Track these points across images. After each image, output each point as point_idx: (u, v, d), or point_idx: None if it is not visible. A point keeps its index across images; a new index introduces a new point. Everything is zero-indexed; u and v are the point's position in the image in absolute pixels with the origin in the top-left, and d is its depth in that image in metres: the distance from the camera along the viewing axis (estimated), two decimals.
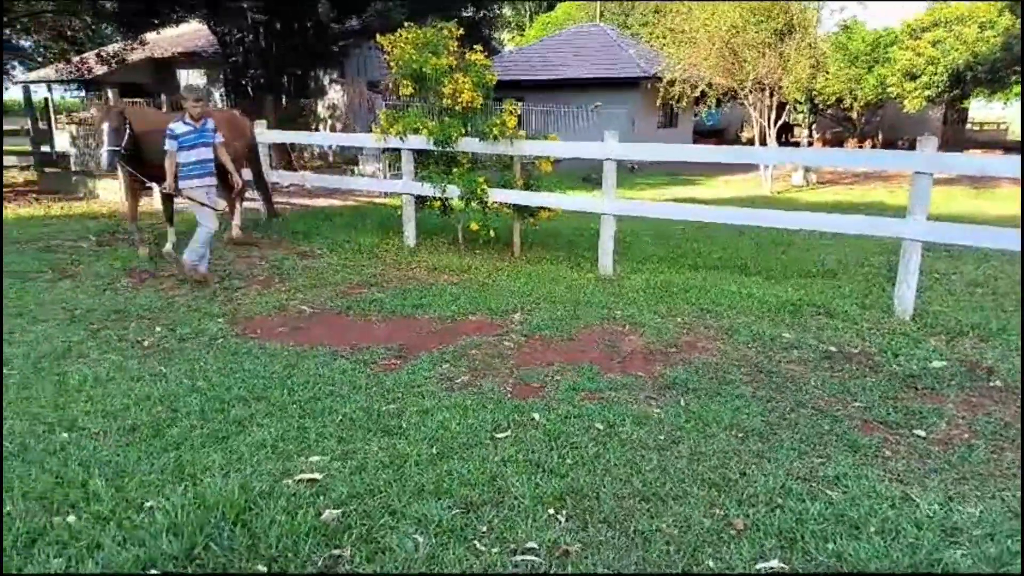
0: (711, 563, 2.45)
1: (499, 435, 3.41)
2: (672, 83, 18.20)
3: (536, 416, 3.62)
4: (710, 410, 3.73)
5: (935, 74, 21.00)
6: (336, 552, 2.49)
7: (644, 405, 3.82)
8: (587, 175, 16.35)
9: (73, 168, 13.22)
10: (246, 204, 8.52)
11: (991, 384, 4.17)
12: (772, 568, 2.43)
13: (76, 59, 17.05)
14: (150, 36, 17.29)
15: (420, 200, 8.14)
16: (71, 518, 2.65)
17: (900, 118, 24.67)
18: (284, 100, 17.05)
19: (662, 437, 3.43)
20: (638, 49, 24.25)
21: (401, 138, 7.83)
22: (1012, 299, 6.16)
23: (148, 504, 2.75)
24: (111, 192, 11.76)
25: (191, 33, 19.84)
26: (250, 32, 15.95)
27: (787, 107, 20.53)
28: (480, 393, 3.94)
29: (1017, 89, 25.49)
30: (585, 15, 35.45)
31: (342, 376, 4.17)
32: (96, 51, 16.92)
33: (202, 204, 6.21)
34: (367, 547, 2.52)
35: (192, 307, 5.62)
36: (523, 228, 8.06)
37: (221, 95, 19.47)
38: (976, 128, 32.91)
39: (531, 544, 2.54)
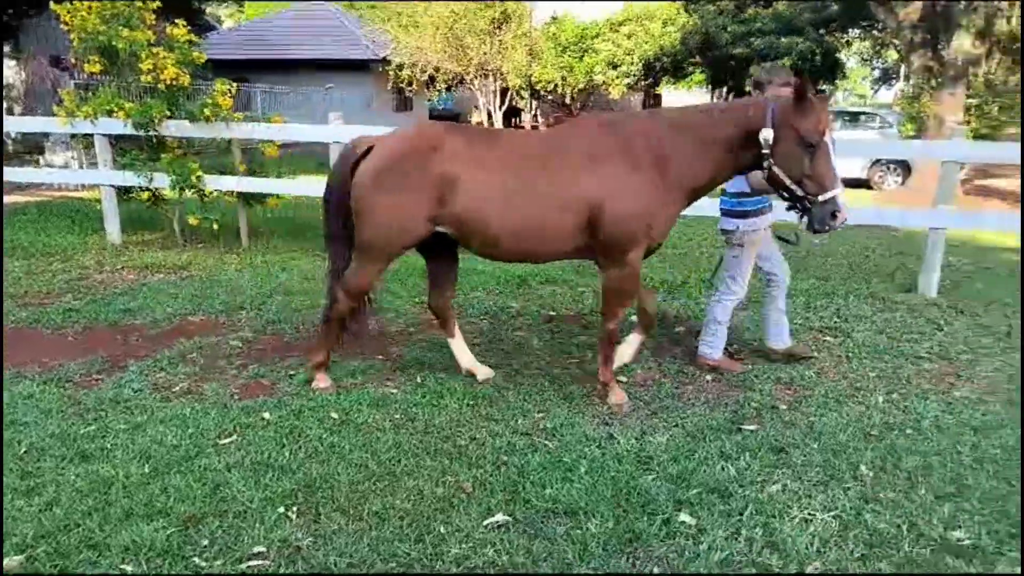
0: (442, 529, 2.55)
1: (223, 441, 3.18)
2: (401, 67, 18.32)
3: (267, 415, 3.45)
4: (445, 383, 3.87)
5: (632, 64, 23.78)
6: None
7: (381, 387, 3.84)
8: (326, 160, 15.81)
9: None
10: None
11: (676, 330, 4.89)
12: (498, 522, 2.60)
13: None
14: None
15: (125, 191, 7.22)
16: None
17: (609, 103, 27.61)
18: None
19: (398, 416, 3.48)
20: (367, 31, 23.91)
21: (92, 121, 6.85)
22: (689, 258, 7.25)
23: None
24: None
25: None
26: None
27: (510, 92, 21.80)
28: (202, 399, 3.64)
29: (696, 78, 29.96)
30: None
31: (27, 401, 3.57)
32: None
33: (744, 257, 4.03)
34: None
35: None
36: (251, 217, 7.57)
37: None
38: None
39: (258, 548, 2.42)
